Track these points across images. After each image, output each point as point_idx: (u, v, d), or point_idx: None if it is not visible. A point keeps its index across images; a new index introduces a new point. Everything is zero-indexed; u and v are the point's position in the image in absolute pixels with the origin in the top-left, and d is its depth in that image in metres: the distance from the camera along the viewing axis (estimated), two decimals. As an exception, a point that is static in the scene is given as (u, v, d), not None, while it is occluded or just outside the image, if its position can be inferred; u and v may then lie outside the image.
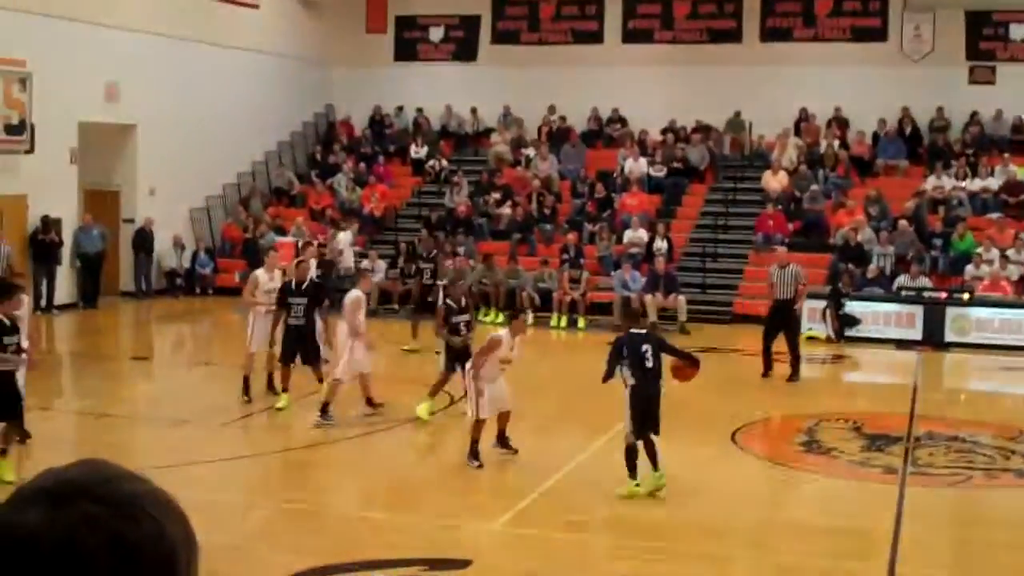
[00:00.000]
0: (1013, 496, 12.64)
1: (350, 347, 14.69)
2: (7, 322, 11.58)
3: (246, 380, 15.68)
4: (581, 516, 11.40)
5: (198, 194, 28.67)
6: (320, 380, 15.27)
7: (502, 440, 13.36)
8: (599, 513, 11.57)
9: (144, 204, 26.95)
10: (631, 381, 11.61)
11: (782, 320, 18.67)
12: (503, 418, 13.27)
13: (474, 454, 12.78)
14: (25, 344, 11.97)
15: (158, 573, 1.40)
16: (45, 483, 1.42)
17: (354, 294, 15.21)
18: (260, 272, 16.38)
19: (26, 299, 13.04)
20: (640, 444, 11.70)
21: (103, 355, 21.33)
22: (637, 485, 11.42)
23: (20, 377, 11.93)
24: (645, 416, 11.67)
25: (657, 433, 11.79)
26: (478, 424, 12.83)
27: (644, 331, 12.20)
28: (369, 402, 15.19)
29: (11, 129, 22.98)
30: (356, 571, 9.49)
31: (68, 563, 1.35)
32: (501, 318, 23.93)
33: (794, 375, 18.50)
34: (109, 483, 1.42)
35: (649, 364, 11.69)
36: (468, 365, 13.40)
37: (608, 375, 11.86)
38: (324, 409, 14.49)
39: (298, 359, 15.33)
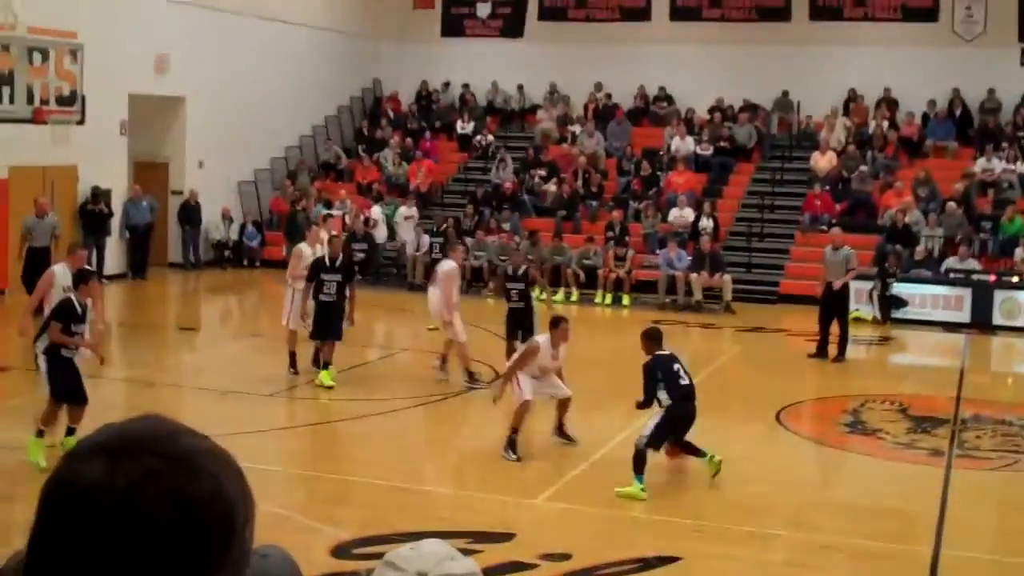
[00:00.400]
0: (1060, 481, 12.54)
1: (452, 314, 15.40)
2: (79, 309, 11.59)
3: (292, 355, 15.79)
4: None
5: (246, 167, 28.84)
6: (326, 359, 15.23)
7: (560, 430, 13.08)
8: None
9: (192, 176, 27.15)
10: (667, 401, 11.45)
11: (833, 301, 18.53)
12: (562, 406, 13.00)
13: (511, 445, 12.28)
14: (88, 335, 11.94)
15: (217, 528, 1.41)
16: (105, 437, 1.43)
17: (448, 265, 15.57)
18: (303, 246, 16.40)
19: (98, 286, 13.14)
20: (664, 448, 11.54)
21: (151, 325, 21.55)
22: (643, 490, 11.09)
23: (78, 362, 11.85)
24: (672, 432, 11.53)
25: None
26: (523, 406, 12.38)
27: (668, 352, 11.92)
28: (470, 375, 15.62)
29: (63, 100, 23.20)
30: (399, 543, 9.55)
31: (128, 516, 1.36)
32: (544, 294, 23.98)
33: (840, 356, 18.41)
34: (169, 438, 1.43)
35: (684, 381, 11.56)
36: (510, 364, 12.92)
37: (647, 402, 11.60)
38: (469, 375, 15.37)
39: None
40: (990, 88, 28.30)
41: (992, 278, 22.43)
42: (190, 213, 26.76)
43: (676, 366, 11.60)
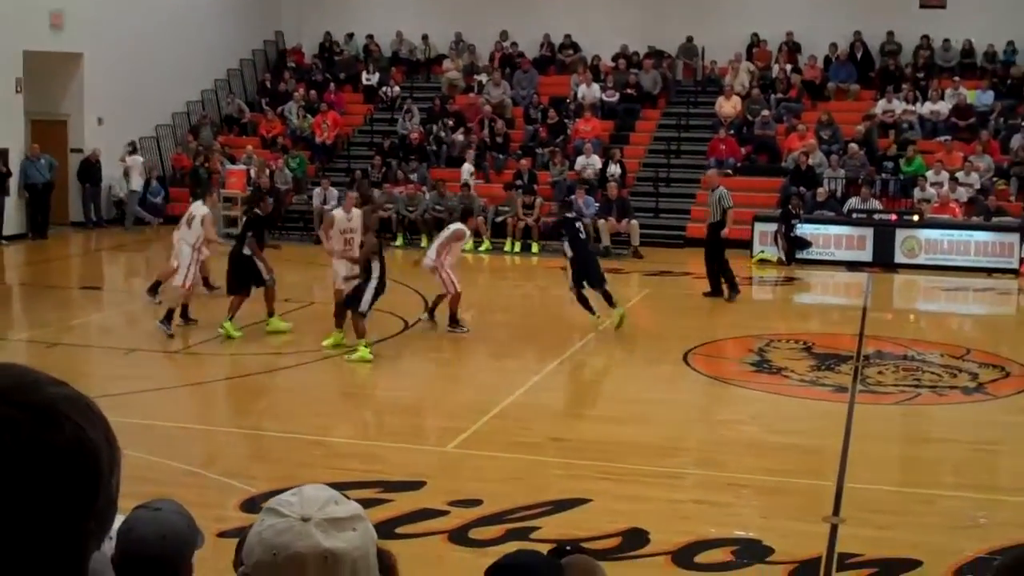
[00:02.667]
0: (959, 413, 12.85)
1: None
2: None
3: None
4: (533, 438, 11.48)
5: (147, 123, 28.32)
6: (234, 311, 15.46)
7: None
8: (551, 434, 11.66)
9: (92, 134, 26.61)
10: (570, 253, 15.38)
11: (712, 241, 18.83)
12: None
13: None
14: None
15: (80, 476, 1.39)
16: None
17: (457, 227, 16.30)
18: (338, 212, 16.22)
19: None
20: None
21: (53, 285, 21.16)
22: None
23: None
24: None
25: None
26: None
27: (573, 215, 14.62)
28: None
29: (-47, 58, 22.57)
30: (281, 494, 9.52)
31: None
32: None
33: (732, 293, 18.67)
34: (29, 387, 1.41)
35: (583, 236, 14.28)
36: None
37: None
38: (453, 319, 15.99)
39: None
40: (890, 30, 28.66)
41: (893, 218, 22.84)
42: (90, 171, 26.26)
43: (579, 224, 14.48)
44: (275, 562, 1.88)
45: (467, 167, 25.19)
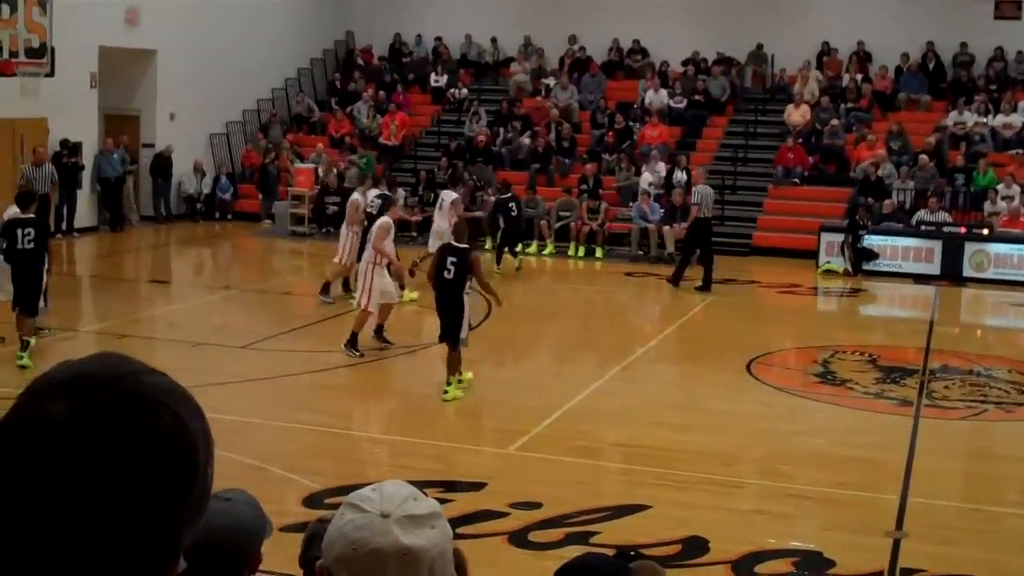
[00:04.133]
0: (1026, 430, 12.70)
1: (372, 276, 14.63)
2: None
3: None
4: (594, 443, 11.51)
5: (218, 120, 28.66)
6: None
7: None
8: (612, 439, 11.68)
9: (164, 129, 26.95)
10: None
11: (694, 234, 20.25)
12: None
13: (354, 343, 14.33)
14: None
15: (180, 466, 1.41)
16: (65, 375, 1.42)
17: (383, 220, 15.18)
18: (358, 196, 17.54)
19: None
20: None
21: (123, 278, 21.48)
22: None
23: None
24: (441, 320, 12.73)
25: (443, 340, 12.72)
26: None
27: (462, 246, 12.69)
28: (379, 331, 15.12)
29: (32, 52, 22.94)
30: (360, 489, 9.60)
31: (92, 453, 1.35)
32: (520, 247, 24.03)
33: (704, 286, 19.77)
34: (130, 376, 1.43)
35: (448, 276, 12.42)
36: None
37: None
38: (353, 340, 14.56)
39: None
40: (962, 41, 28.31)
41: (962, 230, 22.55)
42: (162, 166, 26.61)
43: (451, 259, 12.50)
44: (355, 557, 1.91)
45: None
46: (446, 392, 12.59)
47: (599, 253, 23.90)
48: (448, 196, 19.52)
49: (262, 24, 29.29)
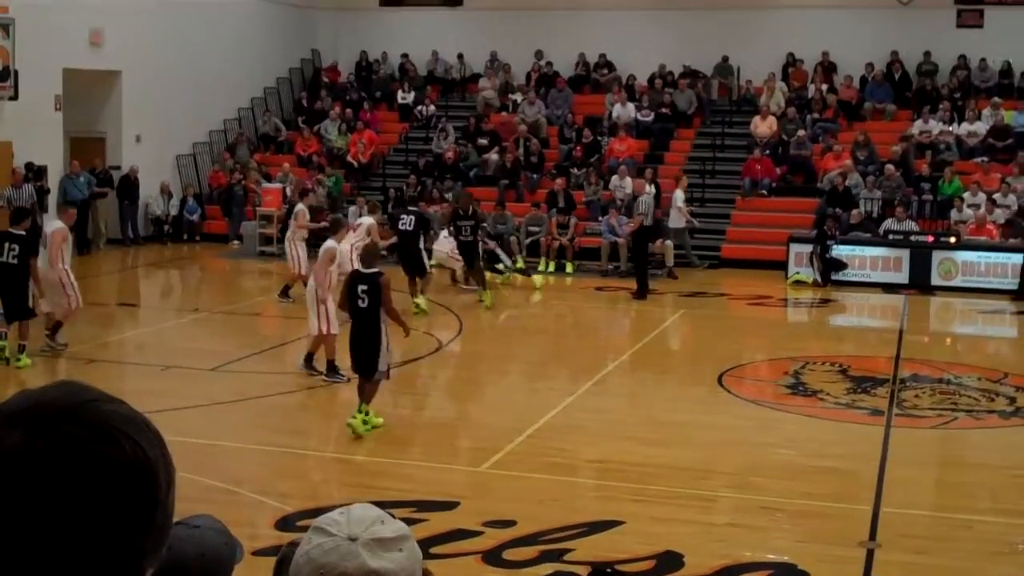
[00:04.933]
0: (997, 437, 12.75)
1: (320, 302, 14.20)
2: None
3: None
4: (567, 459, 11.48)
5: (184, 141, 28.53)
6: None
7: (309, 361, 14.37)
8: (585, 456, 11.65)
9: (130, 151, 26.82)
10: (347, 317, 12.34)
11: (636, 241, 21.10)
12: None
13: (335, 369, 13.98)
14: None
15: (139, 493, 1.40)
16: (22, 404, 1.41)
17: (328, 244, 14.61)
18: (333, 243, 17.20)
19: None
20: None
21: (91, 301, 21.26)
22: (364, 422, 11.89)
23: None
24: (351, 351, 12.18)
25: (360, 374, 12.09)
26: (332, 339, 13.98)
27: (373, 271, 11.99)
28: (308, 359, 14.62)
29: (-6, 75, 22.81)
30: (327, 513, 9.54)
31: (49, 482, 1.35)
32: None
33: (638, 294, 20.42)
34: (88, 405, 1.42)
35: (362, 304, 11.84)
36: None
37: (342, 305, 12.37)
38: (330, 366, 14.22)
39: None
40: (927, 51, 28.53)
41: (930, 239, 22.68)
42: (128, 188, 26.47)
43: (362, 287, 11.87)
44: (322, 581, 1.89)
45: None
46: (351, 420, 11.85)
47: (569, 268, 23.91)
48: (367, 221, 19.31)
49: (227, 44, 29.21)
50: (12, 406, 1.42)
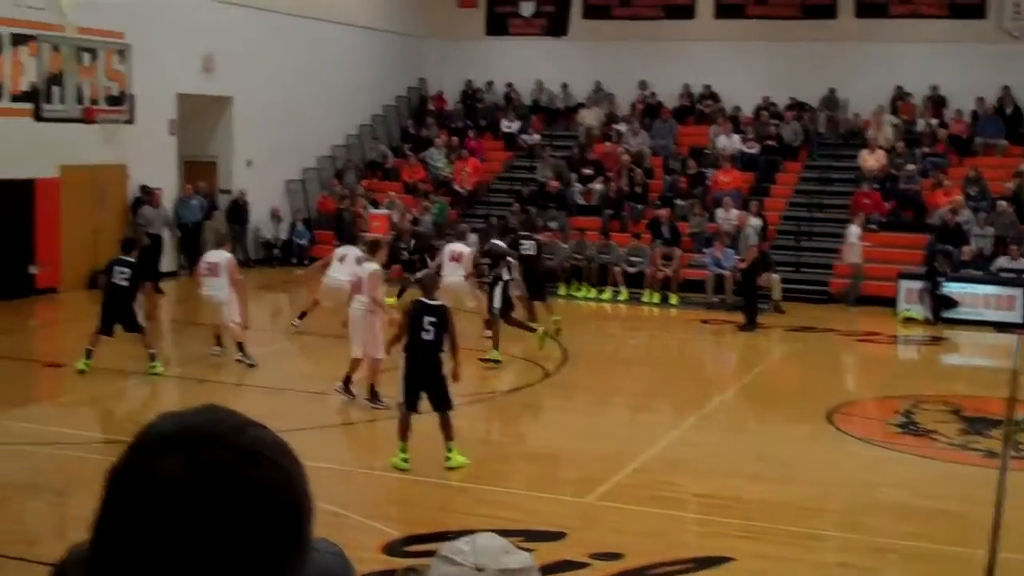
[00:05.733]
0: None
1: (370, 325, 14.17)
2: None
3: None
4: (673, 493, 11.40)
5: (294, 166, 28.99)
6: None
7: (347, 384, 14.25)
8: (691, 490, 11.56)
9: (241, 175, 27.32)
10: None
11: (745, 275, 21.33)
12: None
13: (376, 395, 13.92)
14: None
15: (286, 519, 1.42)
16: (172, 429, 1.44)
17: (373, 267, 14.55)
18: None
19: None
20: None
21: (201, 322, 21.63)
22: (404, 460, 11.53)
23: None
24: (411, 385, 11.63)
25: (435, 409, 11.71)
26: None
27: (439, 303, 11.86)
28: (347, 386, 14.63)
29: (112, 100, 23.41)
30: (451, 540, 9.57)
31: (205, 510, 1.37)
32: (593, 293, 24.02)
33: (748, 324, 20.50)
34: (237, 430, 1.44)
35: (427, 336, 11.52)
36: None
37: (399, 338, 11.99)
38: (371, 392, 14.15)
39: None
40: (1039, 86, 27.99)
41: (1044, 278, 22.19)
42: (239, 212, 26.94)
43: (428, 319, 11.52)
44: (449, 610, 1.89)
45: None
46: (448, 459, 11.73)
47: (674, 300, 23.78)
48: (458, 248, 18.59)
49: (337, 72, 29.67)
50: (162, 430, 1.44)
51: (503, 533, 7.40)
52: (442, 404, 11.66)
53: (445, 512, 10.89)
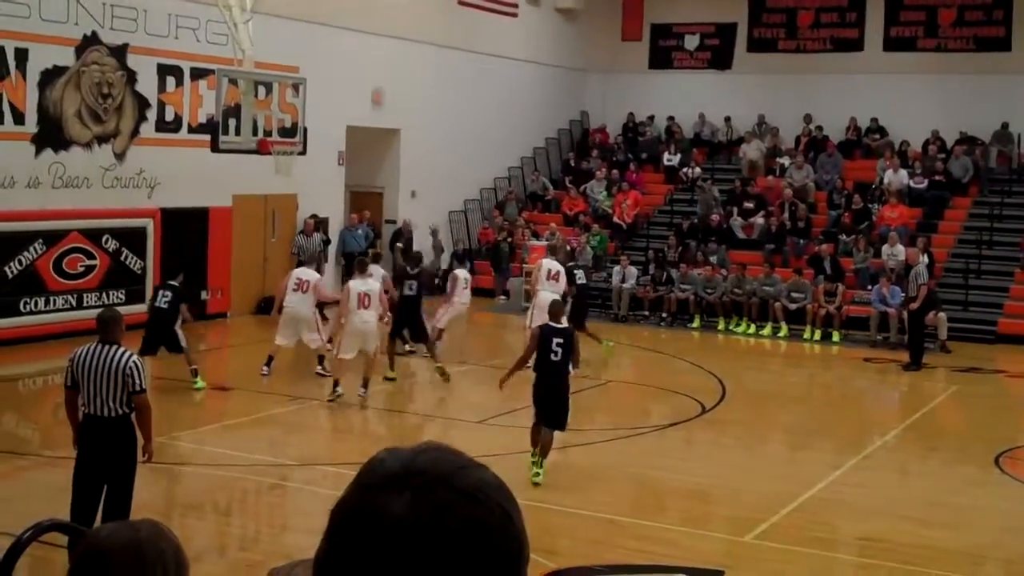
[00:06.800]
0: None
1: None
2: None
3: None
4: (833, 534, 11.25)
5: (456, 197, 29.45)
6: None
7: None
8: (852, 532, 11.38)
9: (405, 205, 27.86)
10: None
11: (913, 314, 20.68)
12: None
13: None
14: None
15: (508, 561, 1.44)
16: (397, 468, 1.46)
17: (374, 285, 16.62)
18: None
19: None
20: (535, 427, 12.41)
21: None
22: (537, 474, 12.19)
23: None
24: (540, 403, 12.39)
25: (553, 427, 12.32)
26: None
27: (566, 326, 12.74)
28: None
29: (285, 132, 24.12)
30: (609, 574, 9.62)
31: (429, 549, 1.40)
32: (753, 328, 23.80)
33: (911, 364, 20.15)
34: (462, 471, 1.47)
35: (555, 357, 12.25)
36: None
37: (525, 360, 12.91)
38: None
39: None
40: None
41: None
42: (400, 240, 27.41)
43: (556, 340, 12.29)
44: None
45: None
46: (537, 475, 12.33)
47: (836, 337, 23.39)
48: (556, 266, 19.72)
49: (500, 105, 30.06)
50: (387, 470, 1.47)
51: (660, 570, 7.49)
52: (557, 424, 12.43)
53: (598, 545, 10.91)
